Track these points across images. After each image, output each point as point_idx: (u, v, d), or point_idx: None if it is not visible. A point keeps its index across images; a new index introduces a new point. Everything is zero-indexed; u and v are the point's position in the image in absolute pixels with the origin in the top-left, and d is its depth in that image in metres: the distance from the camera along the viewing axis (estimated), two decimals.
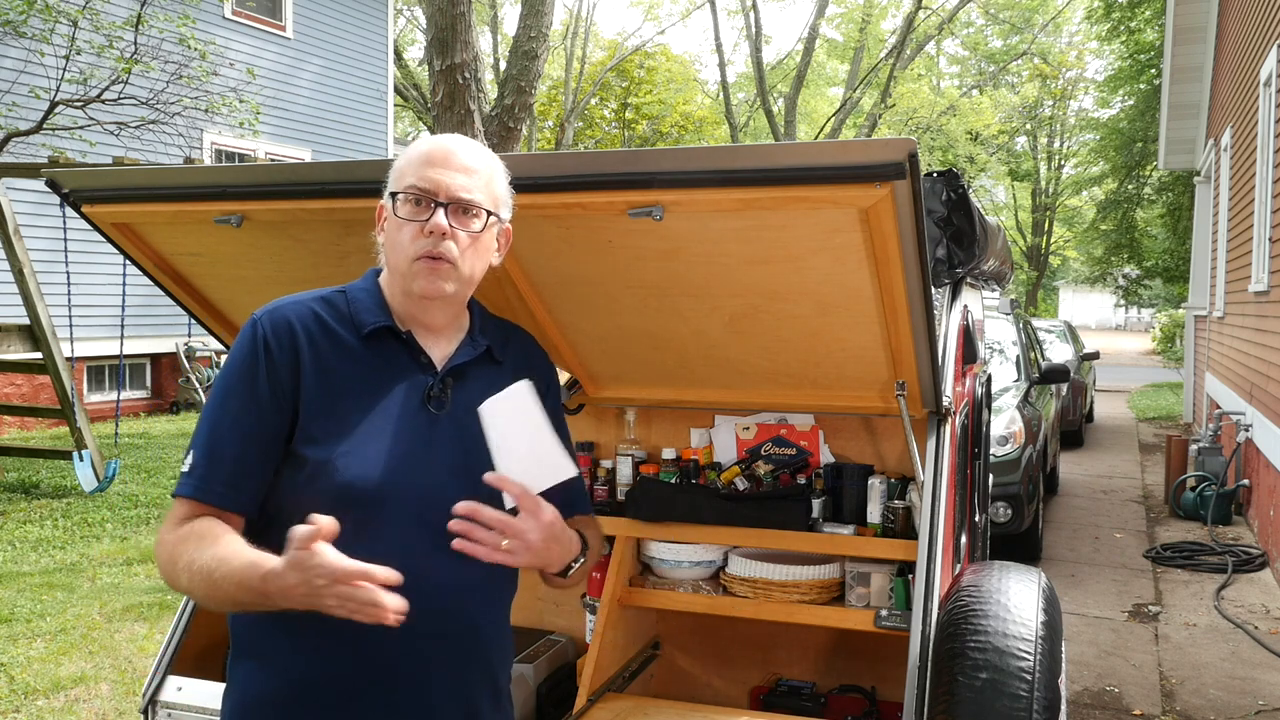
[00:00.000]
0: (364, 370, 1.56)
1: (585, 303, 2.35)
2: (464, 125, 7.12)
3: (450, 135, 1.62)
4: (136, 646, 4.70)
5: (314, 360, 1.54)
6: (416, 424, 1.56)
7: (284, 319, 1.56)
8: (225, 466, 1.50)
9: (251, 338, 1.54)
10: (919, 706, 2.12)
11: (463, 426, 1.58)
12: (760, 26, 24.00)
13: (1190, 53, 12.06)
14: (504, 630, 1.69)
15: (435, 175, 1.54)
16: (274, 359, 1.52)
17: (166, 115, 10.22)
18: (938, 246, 2.72)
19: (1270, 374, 6.86)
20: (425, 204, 1.54)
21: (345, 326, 1.58)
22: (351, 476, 1.49)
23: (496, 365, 1.67)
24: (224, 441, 1.51)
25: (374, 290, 1.63)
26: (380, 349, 1.58)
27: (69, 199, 2.25)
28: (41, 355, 8.07)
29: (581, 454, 2.98)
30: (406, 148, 1.61)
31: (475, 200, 1.55)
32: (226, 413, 1.52)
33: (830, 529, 2.68)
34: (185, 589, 1.47)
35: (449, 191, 1.53)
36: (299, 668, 1.52)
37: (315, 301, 1.60)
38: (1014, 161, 35.66)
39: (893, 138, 1.70)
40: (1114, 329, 51.21)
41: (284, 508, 1.51)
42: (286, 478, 1.52)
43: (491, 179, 1.60)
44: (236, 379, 1.53)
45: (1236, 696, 4.45)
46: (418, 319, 1.61)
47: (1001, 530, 6.09)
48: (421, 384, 1.59)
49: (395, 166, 1.59)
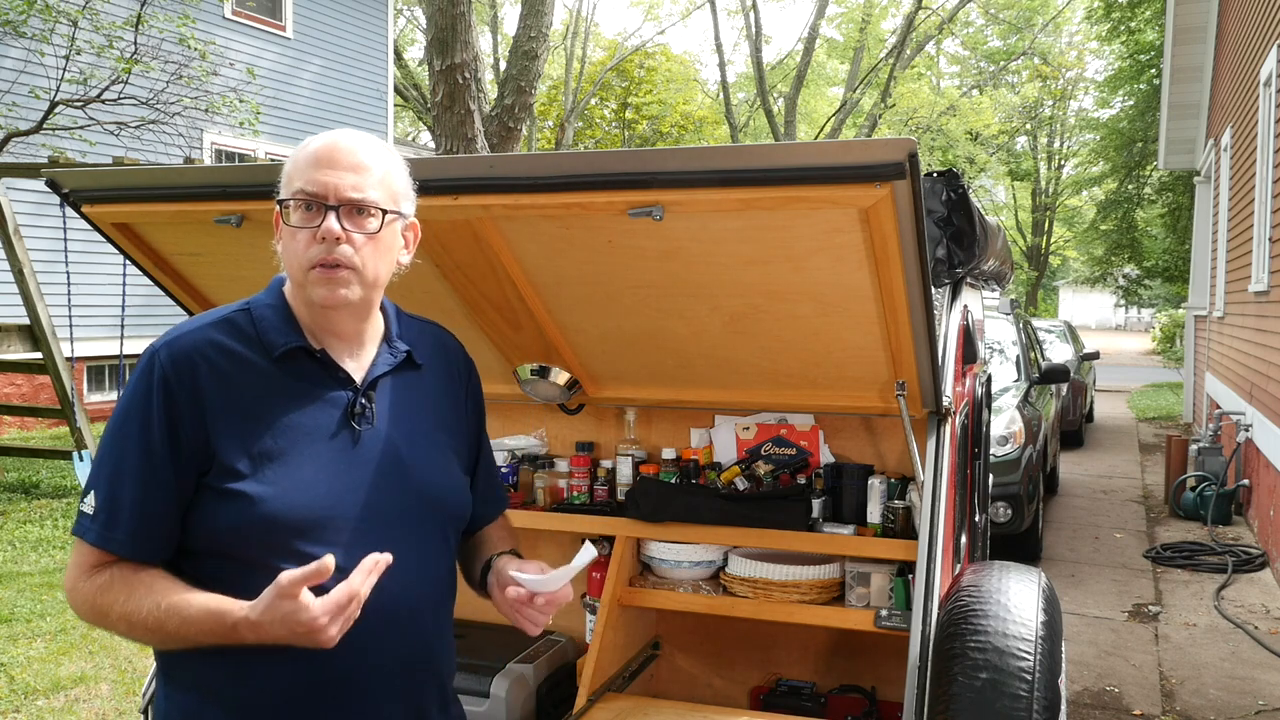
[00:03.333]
0: (279, 394, 1.47)
1: (585, 303, 2.35)
2: (464, 125, 7.13)
3: (339, 131, 1.52)
4: (136, 647, 4.71)
5: (221, 392, 1.44)
6: (341, 443, 1.49)
7: (183, 352, 1.45)
8: (126, 514, 1.42)
9: (146, 374, 1.44)
10: (919, 706, 2.12)
11: (389, 437, 1.53)
12: (760, 26, 24.03)
13: (1190, 53, 12.06)
14: (448, 636, 1.65)
15: (323, 177, 1.44)
16: (171, 397, 1.43)
17: (166, 115, 10.22)
18: (938, 246, 2.72)
19: (1270, 374, 6.86)
20: (316, 208, 1.44)
21: (253, 349, 1.48)
22: (279, 507, 1.41)
23: (417, 369, 1.62)
24: (122, 487, 1.42)
25: (280, 305, 1.53)
26: (294, 369, 1.50)
27: (69, 199, 2.25)
28: (41, 355, 8.07)
29: (582, 454, 2.98)
30: (295, 149, 1.51)
31: (369, 199, 1.46)
32: (124, 456, 1.43)
33: (830, 529, 2.68)
34: (124, 635, 1.43)
35: (339, 193, 1.44)
36: (245, 693, 1.45)
37: (215, 327, 1.49)
38: (1014, 161, 35.65)
39: (893, 138, 1.70)
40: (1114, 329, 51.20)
41: (208, 541, 1.44)
42: (208, 514, 1.43)
43: (387, 174, 1.50)
44: (132, 421, 1.44)
45: (1236, 696, 4.45)
46: (327, 329, 1.53)
47: (1001, 530, 6.09)
48: (342, 401, 1.51)
49: (284, 170, 1.50)
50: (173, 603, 1.37)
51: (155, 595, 1.38)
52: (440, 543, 1.60)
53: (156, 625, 1.37)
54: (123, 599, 1.39)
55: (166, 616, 1.37)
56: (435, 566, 1.58)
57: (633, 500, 2.78)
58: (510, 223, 2.07)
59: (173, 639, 1.39)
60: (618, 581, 2.79)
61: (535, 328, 2.48)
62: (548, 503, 2.99)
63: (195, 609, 1.36)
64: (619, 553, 2.82)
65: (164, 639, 1.40)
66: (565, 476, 3.00)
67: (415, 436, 1.57)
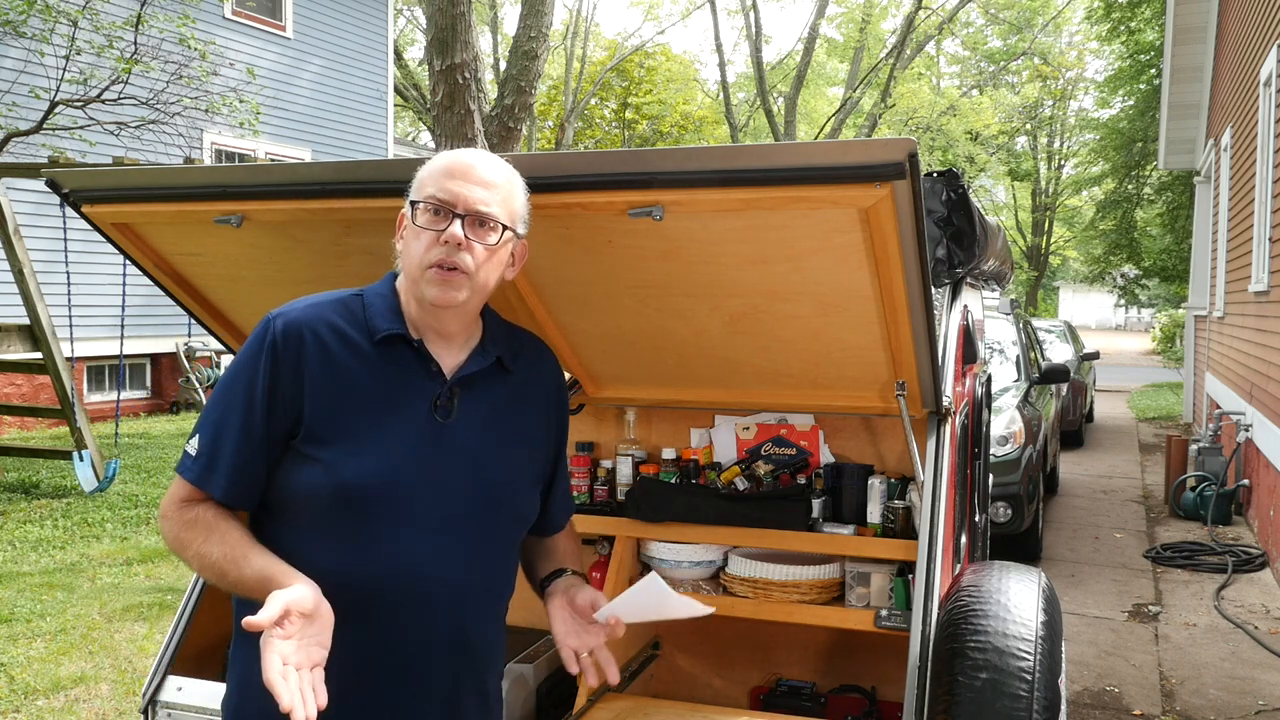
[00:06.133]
0: (373, 375, 1.58)
1: (585, 303, 2.35)
2: (464, 125, 7.13)
3: (473, 150, 1.66)
4: (136, 646, 4.71)
5: (322, 363, 1.56)
6: (422, 430, 1.58)
7: (295, 322, 1.58)
8: (225, 460, 1.55)
9: (260, 338, 1.58)
10: (919, 706, 2.12)
11: (467, 436, 1.62)
12: (760, 26, 24.02)
13: (1190, 53, 12.06)
14: (497, 638, 1.72)
15: (455, 187, 1.56)
16: (278, 361, 1.55)
17: (166, 115, 10.22)
18: (938, 246, 2.72)
19: (1270, 374, 6.86)
20: (444, 214, 1.56)
21: (359, 331, 1.60)
22: (350, 476, 1.52)
23: (506, 374, 1.70)
24: (225, 435, 1.56)
25: (390, 296, 1.65)
26: (391, 355, 1.60)
27: (69, 199, 2.25)
28: (41, 355, 8.07)
29: (582, 454, 2.98)
30: (431, 159, 1.64)
31: (493, 214, 1.58)
32: (229, 408, 1.56)
33: (830, 529, 2.68)
34: (194, 569, 1.57)
35: (467, 204, 1.56)
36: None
37: (330, 305, 1.62)
38: (1014, 161, 35.65)
39: (893, 138, 1.70)
40: (1114, 329, 51.21)
41: (285, 501, 1.56)
42: (289, 473, 1.55)
43: (510, 195, 1.62)
44: (240, 378, 1.57)
45: (1236, 696, 4.45)
46: (431, 326, 1.63)
47: (1001, 530, 6.09)
48: (430, 391, 1.60)
49: (417, 176, 1.62)
50: (238, 555, 1.50)
51: (228, 545, 1.51)
52: (499, 542, 1.67)
53: (221, 572, 1.51)
54: (201, 539, 1.53)
55: (229, 566, 1.49)
56: (489, 563, 1.65)
57: (633, 500, 2.78)
58: None
59: (233, 588, 1.52)
60: (618, 581, 2.79)
61: (535, 328, 2.48)
62: None
63: (251, 569, 1.48)
64: (619, 553, 2.83)
65: (226, 585, 1.52)
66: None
67: (493, 436, 1.66)
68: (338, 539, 1.52)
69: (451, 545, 1.57)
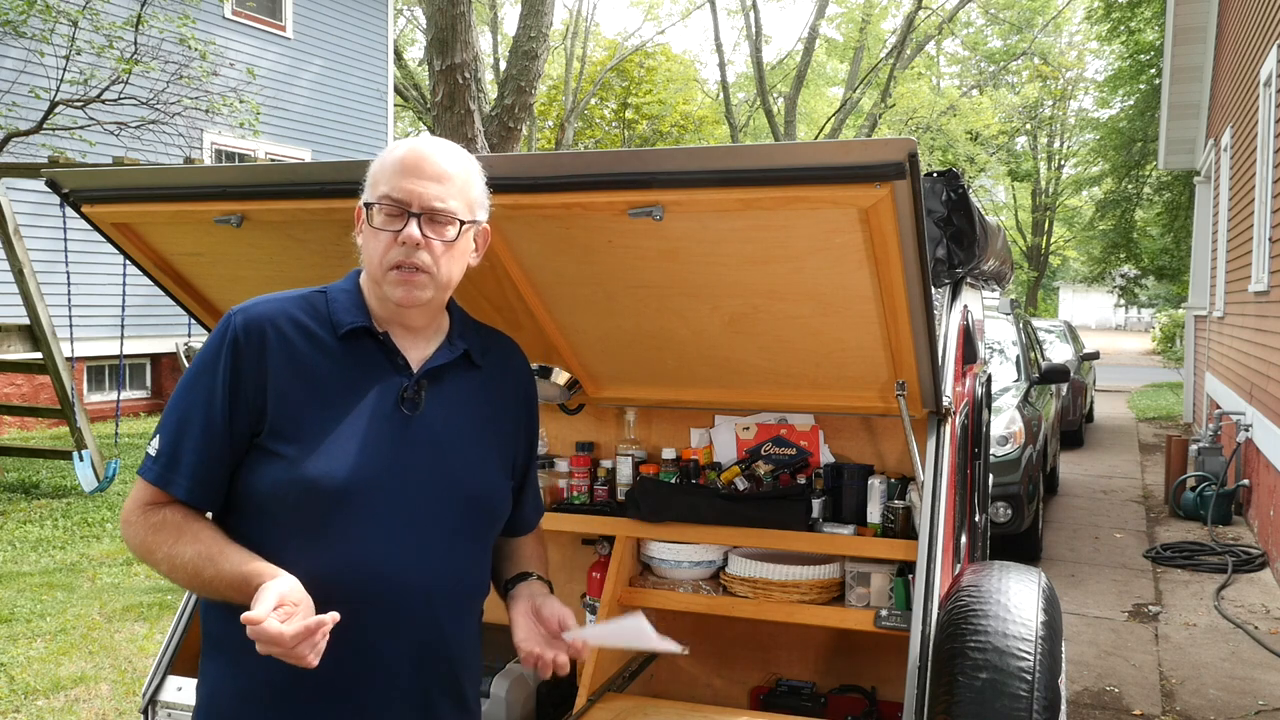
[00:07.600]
0: (338, 369, 1.56)
1: (585, 303, 2.35)
2: (464, 125, 7.13)
3: (424, 140, 1.60)
4: (136, 646, 4.71)
5: (286, 358, 1.54)
6: (389, 425, 1.56)
7: (256, 317, 1.55)
8: (187, 460, 1.52)
9: (220, 335, 1.55)
10: (919, 706, 2.12)
11: (435, 429, 1.59)
12: (760, 26, 24.02)
13: (1190, 53, 12.06)
14: (471, 635, 1.67)
15: (409, 185, 1.53)
16: (240, 356, 1.53)
17: (166, 115, 10.22)
18: (938, 246, 2.72)
19: (1270, 374, 6.86)
20: (399, 214, 1.53)
21: (323, 326, 1.58)
22: (318, 473, 1.49)
23: (475, 369, 1.68)
24: (186, 435, 1.53)
25: (354, 291, 1.63)
26: (356, 349, 1.58)
27: (69, 199, 2.25)
28: (41, 355, 8.07)
29: (581, 454, 2.98)
30: (381, 152, 1.60)
31: (449, 209, 1.54)
32: (191, 406, 1.54)
33: (830, 529, 2.68)
34: (164, 574, 1.53)
35: (422, 201, 1.52)
36: (267, 667, 1.47)
37: (293, 301, 1.60)
38: (1014, 161, 35.64)
39: (893, 138, 1.70)
40: (1114, 329, 51.19)
41: (250, 499, 1.54)
42: (253, 470, 1.53)
43: (466, 184, 1.58)
44: (201, 376, 1.55)
45: (1236, 696, 4.45)
46: (396, 320, 1.61)
47: (1001, 530, 6.09)
48: (396, 385, 1.58)
49: (370, 172, 1.58)
50: (212, 554, 1.47)
51: (201, 544, 1.48)
52: (470, 539, 1.63)
53: (194, 571, 1.47)
54: (171, 541, 1.49)
55: (205, 564, 1.46)
56: (461, 559, 1.61)
57: (633, 500, 2.78)
58: (510, 223, 2.07)
59: (207, 588, 1.48)
60: (617, 582, 2.79)
61: (535, 328, 2.48)
62: (548, 503, 2.99)
63: (229, 565, 1.45)
64: (619, 553, 2.82)
65: (200, 586, 1.49)
66: (565, 476, 3.00)
67: (462, 431, 1.63)
68: (304, 537, 1.49)
69: (421, 541, 1.54)
